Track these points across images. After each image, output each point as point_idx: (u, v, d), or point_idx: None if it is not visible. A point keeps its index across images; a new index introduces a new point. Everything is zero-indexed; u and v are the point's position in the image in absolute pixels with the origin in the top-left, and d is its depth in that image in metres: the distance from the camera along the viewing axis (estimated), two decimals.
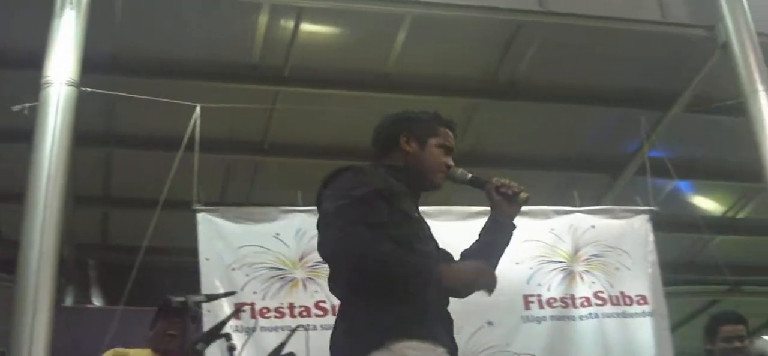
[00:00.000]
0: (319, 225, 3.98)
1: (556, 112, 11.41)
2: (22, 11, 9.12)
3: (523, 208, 4.31)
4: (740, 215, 13.89)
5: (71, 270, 12.45)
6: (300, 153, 11.58)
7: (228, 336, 5.64)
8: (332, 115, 10.64)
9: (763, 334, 6.50)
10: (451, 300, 3.99)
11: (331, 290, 4.01)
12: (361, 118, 10.90)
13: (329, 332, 7.84)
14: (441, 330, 3.86)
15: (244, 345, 6.44)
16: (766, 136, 9.61)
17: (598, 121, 11.71)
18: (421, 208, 4.21)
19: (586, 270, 8.96)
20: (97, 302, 13.35)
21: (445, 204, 8.38)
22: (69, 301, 12.89)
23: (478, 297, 3.94)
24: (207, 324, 6.39)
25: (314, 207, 8.79)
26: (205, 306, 7.18)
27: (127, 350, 6.65)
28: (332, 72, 10.60)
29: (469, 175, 4.22)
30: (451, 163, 4.24)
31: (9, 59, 9.65)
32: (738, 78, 9.96)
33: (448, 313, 3.98)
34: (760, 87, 9.76)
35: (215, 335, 5.69)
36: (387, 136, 4.27)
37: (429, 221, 4.16)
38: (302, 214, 8.40)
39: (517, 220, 4.28)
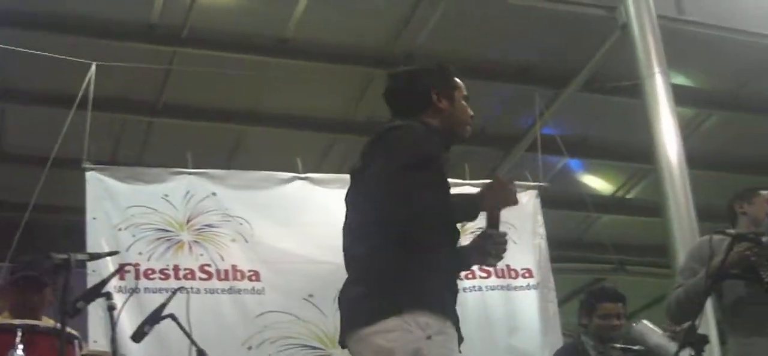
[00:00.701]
0: (356, 174, 3.94)
1: None
2: None
3: None
4: (630, 195, 14.18)
5: None
6: (194, 115, 11.56)
7: (108, 296, 5.64)
8: (229, 78, 10.59)
9: (643, 317, 6.57)
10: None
11: (349, 246, 3.90)
12: (258, 83, 10.94)
13: (213, 296, 7.76)
14: (452, 303, 3.86)
15: (124, 304, 6.43)
16: (661, 118, 9.85)
17: (493, 95, 11.80)
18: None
19: None
20: None
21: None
22: None
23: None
24: (91, 284, 6.37)
25: (204, 170, 8.74)
26: (90, 265, 7.21)
27: None
28: (231, 35, 10.56)
29: None
30: (472, 112, 4.20)
31: None
32: (636, 60, 10.20)
33: (457, 284, 3.98)
34: (656, 70, 10.01)
35: (96, 294, 5.68)
36: (417, 95, 4.13)
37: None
38: (191, 177, 8.45)
39: None
